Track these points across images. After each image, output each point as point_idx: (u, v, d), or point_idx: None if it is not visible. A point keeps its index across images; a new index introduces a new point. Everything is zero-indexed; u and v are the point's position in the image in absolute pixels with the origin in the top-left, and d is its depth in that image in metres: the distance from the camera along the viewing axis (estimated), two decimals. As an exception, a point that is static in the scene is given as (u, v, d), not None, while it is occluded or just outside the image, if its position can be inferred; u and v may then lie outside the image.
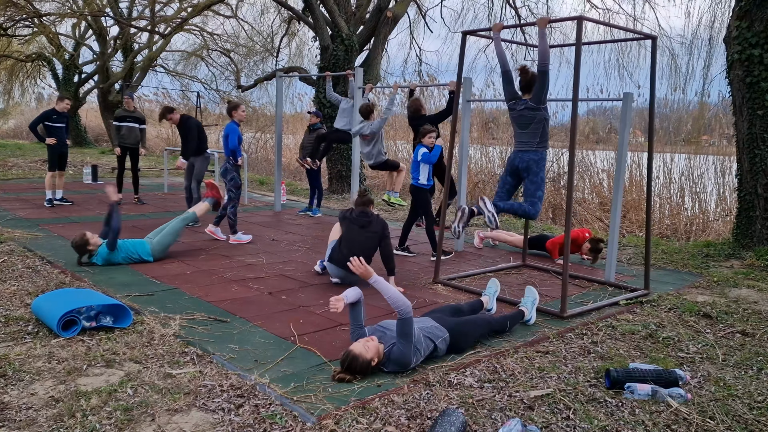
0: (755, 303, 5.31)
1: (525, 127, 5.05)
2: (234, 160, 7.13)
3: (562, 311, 4.74)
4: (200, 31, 21.97)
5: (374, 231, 5.46)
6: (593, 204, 11.94)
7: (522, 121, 5.04)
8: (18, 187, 11.53)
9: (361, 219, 5.51)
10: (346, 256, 5.15)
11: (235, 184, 7.15)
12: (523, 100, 4.98)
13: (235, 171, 7.16)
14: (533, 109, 4.92)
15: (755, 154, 6.94)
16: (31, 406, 2.93)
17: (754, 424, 3.04)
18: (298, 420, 2.90)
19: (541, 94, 4.89)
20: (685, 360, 3.91)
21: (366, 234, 5.44)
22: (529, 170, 5.10)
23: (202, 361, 3.58)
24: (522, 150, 5.11)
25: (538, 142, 5.04)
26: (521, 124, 5.06)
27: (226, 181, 7.16)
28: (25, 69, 26.14)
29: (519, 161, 5.14)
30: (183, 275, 5.60)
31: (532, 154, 5.06)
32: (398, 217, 9.79)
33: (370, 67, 13.10)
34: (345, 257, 5.09)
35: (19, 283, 5.05)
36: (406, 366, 3.53)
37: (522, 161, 5.11)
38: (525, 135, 5.07)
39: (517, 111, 5.02)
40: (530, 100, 4.93)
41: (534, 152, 5.06)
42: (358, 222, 5.50)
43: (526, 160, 5.07)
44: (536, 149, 5.04)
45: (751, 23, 6.82)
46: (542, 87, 4.89)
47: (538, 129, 4.99)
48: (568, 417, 3.04)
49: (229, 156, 7.13)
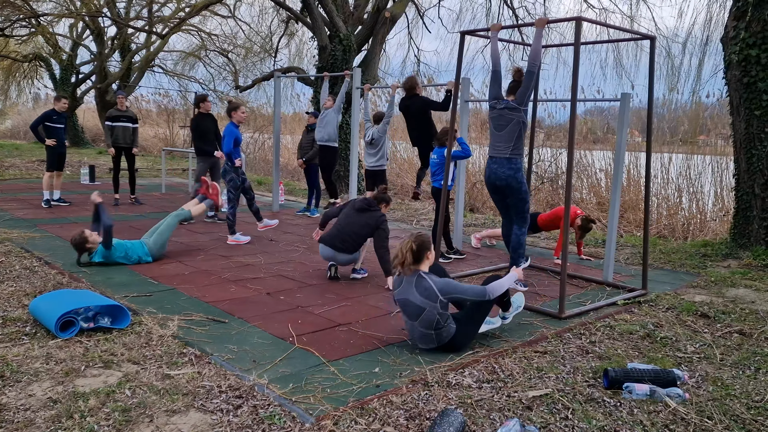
0: (752, 303, 5.32)
1: (501, 129, 5.09)
2: (231, 162, 7.14)
3: (560, 311, 4.74)
4: (198, 31, 21.97)
5: (369, 221, 5.45)
6: (591, 204, 11.96)
7: (500, 121, 5.08)
8: (15, 188, 11.51)
9: (361, 204, 5.55)
10: (334, 235, 5.32)
11: (234, 185, 7.15)
12: (505, 100, 5.03)
13: (234, 172, 7.17)
14: (513, 109, 4.94)
15: (752, 154, 6.95)
16: (29, 407, 2.92)
17: (751, 423, 3.05)
18: (297, 420, 2.90)
19: (524, 95, 4.92)
20: (682, 360, 3.92)
21: (360, 218, 5.46)
22: (510, 188, 5.15)
23: (200, 361, 3.58)
24: (496, 158, 5.12)
25: (512, 147, 5.06)
26: (499, 125, 5.10)
27: (226, 182, 7.17)
28: (23, 69, 26.10)
29: (497, 179, 5.17)
30: (181, 275, 5.60)
31: (507, 169, 5.08)
32: (399, 219, 9.78)
33: (368, 67, 13.11)
34: (333, 236, 5.20)
35: (16, 283, 5.04)
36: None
37: (500, 179, 5.14)
38: (500, 138, 5.10)
39: (497, 110, 5.06)
40: (513, 100, 4.97)
41: (508, 164, 5.07)
42: (358, 206, 5.54)
43: (504, 178, 5.11)
44: (510, 157, 5.06)
45: (749, 24, 6.84)
46: (527, 88, 4.92)
47: (514, 132, 5.02)
48: (566, 417, 3.04)
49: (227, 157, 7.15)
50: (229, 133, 7.14)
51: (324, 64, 12.64)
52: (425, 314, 3.76)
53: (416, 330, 3.85)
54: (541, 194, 12.76)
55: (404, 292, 3.87)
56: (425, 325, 3.79)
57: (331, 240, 5.46)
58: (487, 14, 15.14)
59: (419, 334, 3.85)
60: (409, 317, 3.88)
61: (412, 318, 3.85)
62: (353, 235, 5.42)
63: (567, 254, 4.80)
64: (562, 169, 12.67)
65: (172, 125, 23.17)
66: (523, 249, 5.36)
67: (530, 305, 4.98)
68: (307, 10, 12.84)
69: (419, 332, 3.84)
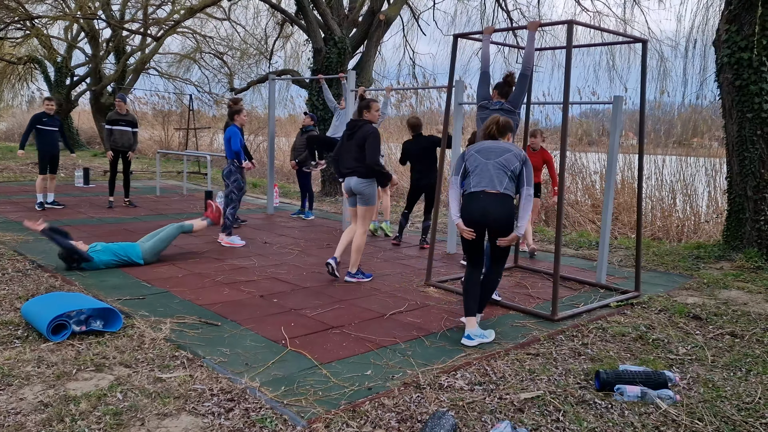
0: (745, 305, 5.35)
1: None
2: (239, 162, 7.16)
3: (553, 313, 4.75)
4: (193, 33, 21.94)
5: (357, 140, 5.60)
6: (585, 206, 11.99)
7: None
8: (9, 190, 11.48)
9: (348, 127, 5.74)
10: (337, 169, 5.76)
11: (237, 186, 7.14)
12: (499, 102, 4.97)
13: (239, 173, 7.16)
14: (508, 111, 4.93)
15: (744, 157, 6.98)
16: (20, 411, 2.91)
17: (742, 425, 3.06)
18: (288, 423, 2.90)
19: (519, 98, 4.91)
20: (674, 362, 3.94)
21: (352, 144, 5.63)
22: None
23: (192, 364, 3.57)
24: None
25: None
26: None
27: (229, 182, 7.14)
28: (17, 72, 26.01)
29: None
30: (174, 278, 5.59)
31: None
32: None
33: (363, 69, 13.13)
34: (337, 170, 5.76)
35: (8, 286, 5.02)
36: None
37: None
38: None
39: (489, 111, 5.01)
40: (507, 102, 4.94)
41: None
42: (347, 132, 5.73)
43: None
44: None
45: (740, 27, 6.87)
46: (521, 91, 4.91)
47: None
48: (557, 419, 3.05)
49: (233, 158, 7.14)
50: (234, 134, 7.17)
51: (319, 66, 12.65)
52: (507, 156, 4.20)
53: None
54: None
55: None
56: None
57: (339, 170, 5.76)
58: (481, 17, 15.17)
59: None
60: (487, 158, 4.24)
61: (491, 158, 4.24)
62: (352, 161, 5.61)
63: (560, 256, 4.82)
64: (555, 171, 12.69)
65: (167, 127, 23.12)
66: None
67: (523, 307, 5.00)
68: (301, 13, 12.85)
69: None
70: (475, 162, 4.29)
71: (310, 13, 12.57)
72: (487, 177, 4.20)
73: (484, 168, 4.23)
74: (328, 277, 5.85)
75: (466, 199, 4.27)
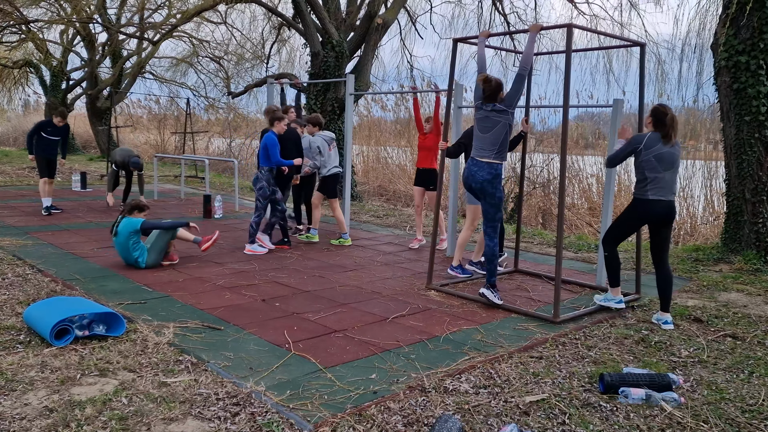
0: (744, 307, 5.37)
1: (487, 131, 5.05)
2: (278, 170, 7.18)
3: (555, 316, 4.76)
4: (189, 37, 21.92)
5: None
6: (582, 209, 12.03)
7: (486, 123, 5.05)
8: (5, 194, 11.43)
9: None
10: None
11: (263, 194, 7.04)
12: (490, 103, 4.99)
13: (266, 181, 7.05)
14: (501, 111, 4.93)
15: (743, 159, 7.02)
16: (25, 416, 2.90)
17: (746, 427, 3.07)
18: (295, 427, 2.89)
19: (514, 97, 4.92)
20: (677, 364, 3.95)
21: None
22: (484, 192, 5.11)
23: (196, 369, 3.57)
24: (477, 160, 5.09)
25: (497, 151, 5.02)
26: (484, 127, 5.06)
27: (255, 189, 7.07)
28: (12, 76, 25.92)
29: (473, 181, 5.13)
30: (175, 282, 5.58)
31: (485, 173, 5.04)
32: (389, 224, 9.79)
33: (361, 73, 13.15)
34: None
35: (9, 291, 5.00)
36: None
37: (475, 182, 5.11)
38: (485, 140, 5.06)
39: (484, 111, 5.02)
40: (500, 102, 4.95)
41: (488, 168, 5.04)
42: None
43: (479, 181, 5.07)
44: (491, 162, 5.03)
45: (738, 30, 6.92)
46: (516, 91, 4.92)
47: (500, 135, 5.00)
48: (563, 422, 3.06)
49: (263, 166, 7.02)
50: (273, 144, 6.95)
51: (317, 70, 12.66)
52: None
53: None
54: (533, 200, 12.82)
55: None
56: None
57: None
58: (478, 21, 15.21)
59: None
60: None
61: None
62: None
63: (561, 258, 4.83)
64: (554, 174, 12.74)
65: (164, 131, 23.07)
66: (496, 260, 5.32)
67: (525, 310, 5.01)
68: (299, 17, 12.86)
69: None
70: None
71: (307, 17, 12.58)
72: None
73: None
74: (328, 280, 5.86)
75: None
